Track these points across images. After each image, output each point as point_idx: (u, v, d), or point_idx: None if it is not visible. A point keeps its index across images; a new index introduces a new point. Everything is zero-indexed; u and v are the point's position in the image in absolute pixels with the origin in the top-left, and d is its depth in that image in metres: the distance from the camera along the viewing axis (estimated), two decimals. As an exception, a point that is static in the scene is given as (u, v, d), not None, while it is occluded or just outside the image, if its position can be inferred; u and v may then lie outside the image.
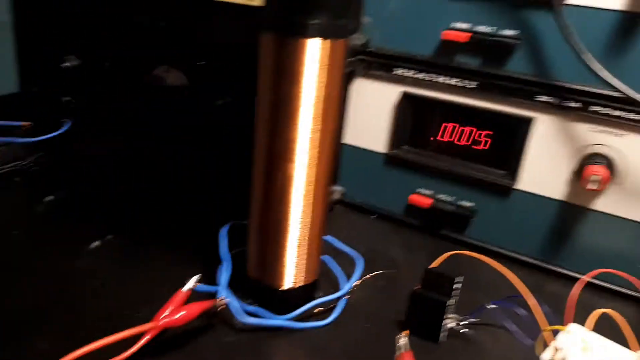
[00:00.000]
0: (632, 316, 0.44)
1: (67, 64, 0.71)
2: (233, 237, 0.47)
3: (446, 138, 0.52)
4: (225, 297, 0.40)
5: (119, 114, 0.69)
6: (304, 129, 0.37)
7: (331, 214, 0.59)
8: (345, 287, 0.44)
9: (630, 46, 0.43)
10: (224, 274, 0.43)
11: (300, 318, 0.41)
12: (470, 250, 0.53)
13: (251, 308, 0.41)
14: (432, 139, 0.53)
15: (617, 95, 0.43)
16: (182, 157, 0.65)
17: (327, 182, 0.41)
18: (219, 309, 0.39)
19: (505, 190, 0.51)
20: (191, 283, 0.40)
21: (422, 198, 0.55)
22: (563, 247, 0.50)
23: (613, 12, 0.43)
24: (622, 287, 0.48)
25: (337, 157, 0.58)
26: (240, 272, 0.44)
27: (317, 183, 0.40)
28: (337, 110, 0.39)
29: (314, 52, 0.35)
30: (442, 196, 0.54)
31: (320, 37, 0.35)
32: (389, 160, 0.56)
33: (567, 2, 0.44)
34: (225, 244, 0.46)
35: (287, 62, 0.36)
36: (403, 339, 0.37)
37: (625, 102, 0.43)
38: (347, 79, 0.54)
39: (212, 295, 0.41)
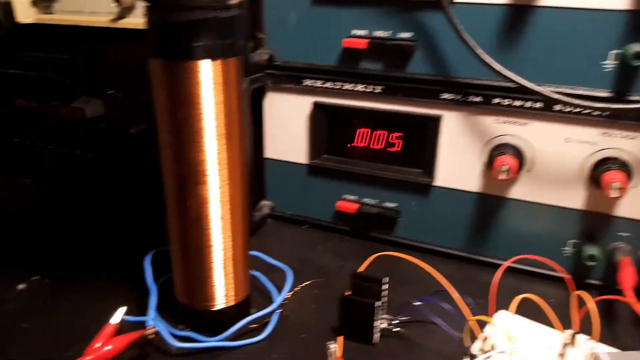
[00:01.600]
0: (560, 296, 0.45)
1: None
2: (159, 264, 0.46)
3: (362, 143, 0.52)
4: (153, 325, 0.40)
5: (31, 154, 0.66)
6: (210, 150, 0.37)
7: (263, 228, 0.58)
8: (277, 301, 0.44)
9: (519, 36, 0.44)
10: (151, 302, 0.42)
11: (234, 337, 0.41)
12: (399, 249, 0.54)
13: (183, 333, 0.41)
14: (349, 145, 0.53)
15: (514, 86, 0.44)
16: (99, 189, 0.64)
17: (244, 200, 0.41)
18: (149, 338, 0.39)
19: (424, 188, 0.51)
20: (118, 315, 0.40)
21: (348, 204, 0.55)
22: (488, 237, 0.51)
23: (499, 6, 0.43)
24: (547, 269, 0.49)
25: (261, 172, 0.58)
26: (170, 298, 0.43)
27: (233, 202, 0.39)
28: (241, 127, 0.38)
29: (205, 74, 0.35)
30: (367, 200, 0.54)
31: (208, 58, 0.35)
32: (312, 170, 0.56)
33: (455, 1, 0.44)
34: (150, 272, 0.45)
35: (179, 87, 0.35)
36: (333, 345, 0.37)
37: (524, 92, 0.44)
38: (258, 94, 0.54)
39: (143, 325, 0.40)
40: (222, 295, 0.41)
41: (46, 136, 0.65)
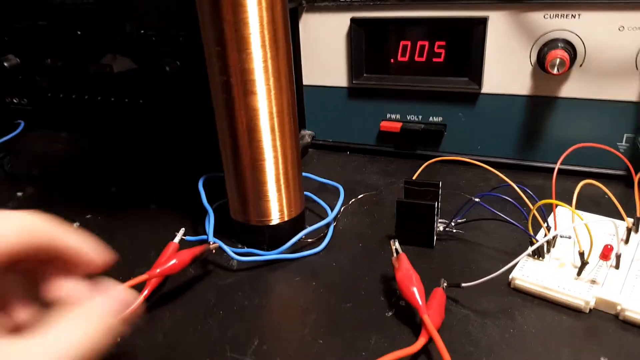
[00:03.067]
0: (616, 194, 0.44)
1: (5, 64, 0.68)
2: (208, 191, 0.46)
3: (405, 57, 0.51)
4: (214, 241, 0.40)
5: (70, 106, 0.66)
6: (257, 58, 0.36)
7: (305, 158, 0.58)
8: (332, 214, 0.44)
9: None
10: (210, 221, 0.43)
11: (292, 250, 0.41)
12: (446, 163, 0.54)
13: (243, 249, 0.41)
14: (392, 61, 0.52)
15: (564, -24, 0.43)
16: (142, 130, 0.64)
17: (293, 113, 0.40)
18: (213, 252, 0.39)
19: (471, 98, 0.50)
20: (179, 235, 0.40)
21: (392, 123, 0.54)
22: (538, 141, 0.50)
23: None
24: (601, 167, 0.48)
25: (300, 100, 0.57)
26: (224, 222, 0.43)
27: (283, 114, 0.39)
28: (286, 35, 0.38)
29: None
30: (411, 117, 0.54)
31: None
32: (353, 92, 0.55)
33: None
34: (204, 194, 0.45)
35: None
36: (397, 243, 0.36)
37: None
38: (292, 17, 0.53)
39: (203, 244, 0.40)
40: (277, 210, 0.41)
41: (80, 89, 0.65)
